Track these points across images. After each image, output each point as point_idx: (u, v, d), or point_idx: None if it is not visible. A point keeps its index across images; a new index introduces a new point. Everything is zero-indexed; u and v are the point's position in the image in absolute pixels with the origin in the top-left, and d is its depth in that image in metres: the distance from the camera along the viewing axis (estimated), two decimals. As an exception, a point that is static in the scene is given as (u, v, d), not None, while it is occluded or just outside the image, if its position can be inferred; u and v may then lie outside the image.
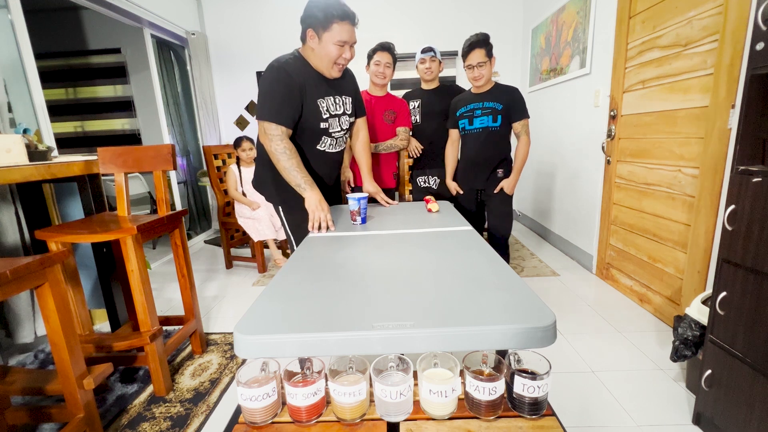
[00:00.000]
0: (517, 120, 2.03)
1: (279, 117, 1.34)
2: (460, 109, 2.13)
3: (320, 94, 1.41)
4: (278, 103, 1.34)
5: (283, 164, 1.37)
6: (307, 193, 1.37)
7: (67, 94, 4.32)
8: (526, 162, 2.08)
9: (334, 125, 1.48)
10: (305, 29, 1.34)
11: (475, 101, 2.06)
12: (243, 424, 0.71)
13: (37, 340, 1.87)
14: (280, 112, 1.34)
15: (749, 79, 1.06)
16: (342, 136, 1.54)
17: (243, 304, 2.43)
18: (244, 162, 2.85)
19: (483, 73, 1.96)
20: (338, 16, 1.27)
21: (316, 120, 1.41)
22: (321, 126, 1.44)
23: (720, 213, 1.62)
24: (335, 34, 1.29)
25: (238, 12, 3.90)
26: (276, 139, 1.35)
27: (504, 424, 0.68)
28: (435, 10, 3.87)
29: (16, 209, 1.71)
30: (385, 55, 2.02)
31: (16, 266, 0.95)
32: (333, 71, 1.38)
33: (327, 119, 1.44)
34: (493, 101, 2.02)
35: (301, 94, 1.36)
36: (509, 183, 2.08)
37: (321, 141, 1.48)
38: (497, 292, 0.74)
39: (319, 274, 0.89)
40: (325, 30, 1.29)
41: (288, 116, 1.36)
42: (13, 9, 2.05)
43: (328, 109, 1.44)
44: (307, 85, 1.37)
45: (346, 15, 1.29)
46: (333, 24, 1.28)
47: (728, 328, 1.13)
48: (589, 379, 1.56)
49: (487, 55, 1.94)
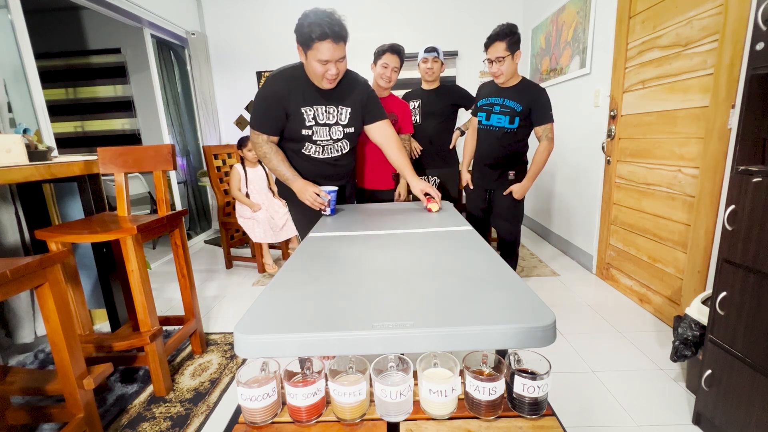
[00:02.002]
0: (540, 124, 1.90)
1: (261, 126, 1.50)
2: (481, 100, 2.04)
3: (308, 103, 1.47)
4: (261, 113, 1.49)
5: (270, 164, 1.55)
6: (293, 185, 1.54)
7: (67, 94, 4.31)
8: (543, 168, 1.97)
9: (320, 133, 1.52)
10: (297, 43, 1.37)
11: (497, 95, 1.95)
12: (243, 424, 0.71)
13: (37, 340, 1.87)
14: (262, 122, 1.50)
15: (749, 79, 1.06)
16: (332, 144, 1.57)
17: (243, 304, 2.43)
18: (249, 162, 2.84)
19: (502, 69, 1.83)
20: (318, 36, 1.28)
21: (298, 126, 1.49)
22: (303, 132, 1.50)
23: (720, 213, 1.62)
24: (317, 53, 1.32)
25: (238, 12, 3.90)
26: (260, 144, 1.53)
27: (504, 424, 0.68)
28: (435, 10, 3.87)
29: (16, 209, 1.71)
30: (395, 59, 1.96)
31: (16, 266, 0.95)
32: (324, 84, 1.43)
33: (311, 126, 1.50)
34: (514, 101, 1.90)
35: (280, 105, 1.45)
36: (520, 188, 1.99)
37: (305, 146, 1.55)
38: (497, 292, 0.74)
39: (319, 274, 0.89)
40: (309, 48, 1.32)
41: (268, 126, 1.50)
42: (13, 9, 2.05)
43: (314, 117, 1.49)
44: (291, 96, 1.44)
45: (326, 35, 1.28)
46: (314, 44, 1.30)
47: (728, 328, 1.13)
48: (589, 379, 1.56)
49: (509, 49, 1.79)
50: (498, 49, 1.79)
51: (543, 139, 1.92)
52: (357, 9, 3.82)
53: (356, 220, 1.49)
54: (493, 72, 1.87)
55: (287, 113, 1.47)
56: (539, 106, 1.88)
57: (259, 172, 2.88)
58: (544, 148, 1.92)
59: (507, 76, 1.87)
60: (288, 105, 1.45)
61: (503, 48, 1.79)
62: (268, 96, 1.46)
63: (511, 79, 1.90)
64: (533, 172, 1.96)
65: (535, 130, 1.95)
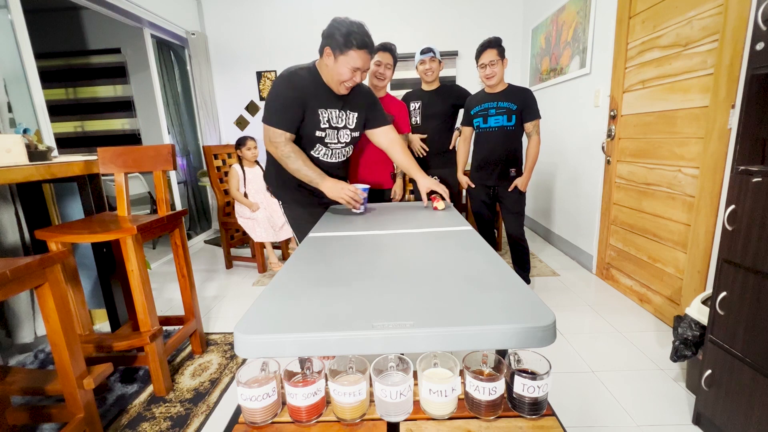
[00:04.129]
0: (529, 120, 2.09)
1: (281, 122, 1.42)
2: (474, 108, 2.19)
3: (324, 105, 1.47)
4: (281, 110, 1.42)
5: (293, 167, 1.45)
6: (323, 185, 1.45)
7: (67, 94, 4.31)
8: (536, 160, 2.15)
9: (331, 136, 1.54)
10: (324, 46, 1.39)
11: (489, 101, 2.13)
12: (243, 424, 0.71)
13: (37, 340, 1.87)
14: (282, 119, 1.42)
15: (749, 79, 1.06)
16: (340, 149, 1.59)
17: (243, 304, 2.43)
18: (248, 162, 2.84)
19: (495, 71, 2.03)
20: (357, 45, 1.33)
21: (313, 128, 1.48)
22: (317, 134, 1.50)
23: (720, 213, 1.62)
24: (351, 60, 1.35)
25: (238, 12, 3.90)
26: (281, 145, 1.43)
27: (504, 424, 0.68)
28: (435, 10, 3.87)
29: (16, 209, 1.71)
30: (386, 55, 2.00)
31: (16, 266, 0.95)
32: (340, 89, 1.45)
33: (325, 129, 1.50)
34: (507, 101, 2.09)
35: (301, 103, 1.43)
36: (522, 180, 2.15)
37: (315, 148, 1.54)
38: (497, 292, 0.74)
39: (319, 274, 0.89)
40: (342, 53, 1.35)
41: (289, 121, 1.43)
42: (13, 9, 2.05)
43: (329, 120, 1.50)
44: (310, 96, 1.44)
45: (365, 45, 1.35)
46: (351, 51, 1.34)
47: (728, 328, 1.12)
48: (589, 379, 1.56)
49: (499, 55, 2.02)
50: (490, 54, 2.02)
51: (533, 134, 2.12)
52: (357, 9, 3.82)
53: (356, 219, 1.49)
54: (487, 74, 2.06)
55: (304, 112, 1.45)
56: (529, 104, 2.08)
57: (257, 171, 2.88)
58: (536, 143, 2.13)
59: (498, 78, 2.07)
60: (306, 104, 1.44)
61: (495, 54, 2.02)
62: (288, 92, 1.41)
63: (499, 84, 2.12)
64: (530, 165, 2.14)
65: (525, 126, 2.13)
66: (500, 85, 2.11)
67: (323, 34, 1.38)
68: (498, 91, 2.12)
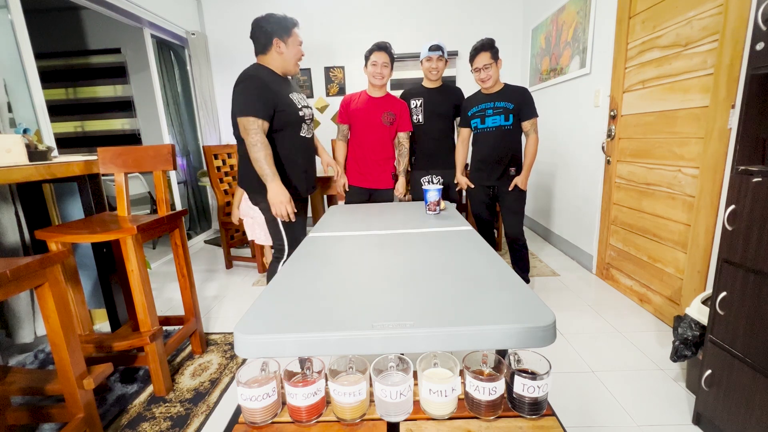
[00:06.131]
0: (527, 119, 2.09)
1: (257, 110, 1.52)
2: (471, 109, 2.19)
3: (287, 91, 1.66)
4: (254, 99, 1.53)
5: (255, 155, 1.54)
6: (271, 184, 1.56)
7: (67, 94, 4.31)
8: (535, 159, 2.15)
9: (307, 114, 1.73)
10: (269, 40, 1.59)
11: (485, 101, 2.13)
12: (243, 424, 0.71)
13: (37, 340, 1.87)
14: (256, 107, 1.52)
15: (749, 79, 1.06)
16: (310, 123, 1.79)
17: (243, 304, 2.43)
18: None
19: (490, 74, 2.04)
20: (294, 24, 1.62)
21: (294, 111, 1.65)
22: (299, 114, 1.67)
23: (720, 213, 1.62)
24: (296, 38, 1.64)
25: (238, 12, 3.90)
26: (252, 132, 1.52)
27: (504, 424, 0.68)
28: (435, 10, 3.87)
29: (16, 209, 1.71)
30: (382, 54, 2.01)
31: (16, 266, 0.95)
32: (296, 68, 1.69)
33: (302, 108, 1.70)
34: (504, 101, 2.09)
35: (271, 91, 1.57)
36: (522, 178, 2.15)
37: (301, 128, 1.70)
38: (497, 292, 0.74)
39: (319, 274, 0.89)
40: (289, 36, 1.61)
41: (262, 110, 1.54)
42: (13, 9, 2.05)
43: (298, 101, 1.69)
44: (276, 84, 1.61)
45: (295, 23, 1.64)
46: (293, 30, 1.62)
47: (728, 328, 1.13)
48: (589, 379, 1.56)
49: (493, 58, 2.02)
50: (484, 58, 2.02)
51: (531, 132, 2.11)
52: (358, 9, 3.81)
53: (356, 220, 1.49)
54: (482, 78, 2.06)
55: (276, 102, 1.58)
56: (526, 102, 2.08)
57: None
58: (533, 141, 2.11)
59: (493, 80, 2.07)
60: (277, 93, 1.59)
61: (488, 57, 2.02)
62: (258, 83, 1.54)
63: (495, 85, 2.12)
64: (529, 163, 2.13)
65: (523, 125, 2.13)
66: (497, 86, 2.12)
67: (258, 36, 1.60)
68: (494, 91, 2.11)
